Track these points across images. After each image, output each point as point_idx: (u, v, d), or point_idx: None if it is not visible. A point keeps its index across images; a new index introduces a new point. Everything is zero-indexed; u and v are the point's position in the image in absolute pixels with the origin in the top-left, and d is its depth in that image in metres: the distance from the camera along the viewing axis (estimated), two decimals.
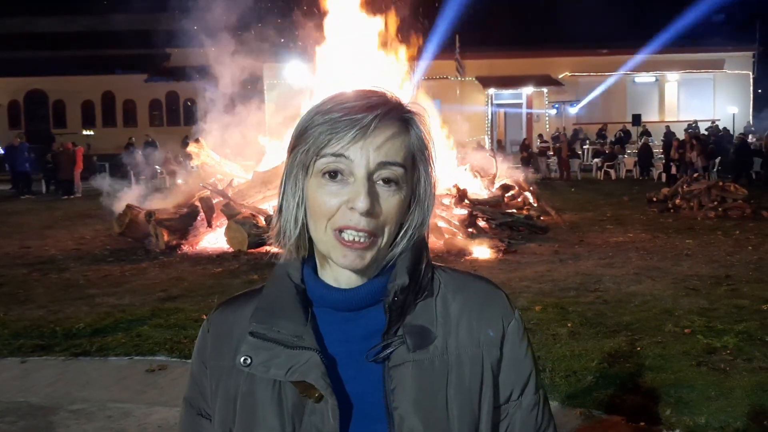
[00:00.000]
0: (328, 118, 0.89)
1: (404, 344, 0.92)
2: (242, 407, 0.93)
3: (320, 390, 0.89)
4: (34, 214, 15.54)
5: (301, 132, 0.92)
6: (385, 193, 0.90)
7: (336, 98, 0.91)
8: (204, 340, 1.01)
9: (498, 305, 0.99)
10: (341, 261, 0.90)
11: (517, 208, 11.71)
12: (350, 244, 0.89)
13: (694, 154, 18.69)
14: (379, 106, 0.90)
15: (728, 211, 12.31)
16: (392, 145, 0.90)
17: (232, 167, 12.68)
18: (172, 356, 5.27)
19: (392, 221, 0.91)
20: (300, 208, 0.94)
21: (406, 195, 0.92)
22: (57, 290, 7.66)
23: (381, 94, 0.93)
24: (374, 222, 0.89)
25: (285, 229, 0.95)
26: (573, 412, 4.06)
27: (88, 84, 33.39)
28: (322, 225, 0.90)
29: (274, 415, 0.91)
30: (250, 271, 8.42)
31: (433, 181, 0.96)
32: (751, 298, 6.51)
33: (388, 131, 0.90)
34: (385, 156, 0.89)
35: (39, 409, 4.36)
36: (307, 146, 0.90)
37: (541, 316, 5.99)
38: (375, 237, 0.90)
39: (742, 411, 3.97)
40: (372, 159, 0.88)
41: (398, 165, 0.90)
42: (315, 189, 0.90)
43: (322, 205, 0.89)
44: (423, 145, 0.95)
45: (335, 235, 0.89)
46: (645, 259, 8.72)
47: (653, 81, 29.87)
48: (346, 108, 0.89)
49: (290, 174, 0.94)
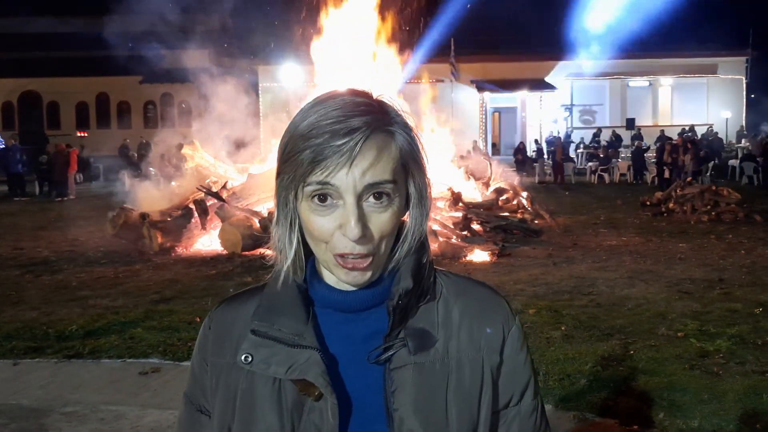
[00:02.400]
0: (309, 144, 0.86)
1: (405, 347, 0.92)
2: (242, 404, 0.94)
3: (320, 388, 0.89)
4: (27, 215, 15.48)
5: (284, 158, 0.90)
6: (376, 210, 0.88)
7: (316, 120, 0.87)
8: (205, 337, 1.01)
9: (499, 311, 1.00)
10: (344, 279, 0.91)
11: (512, 212, 11.73)
12: (351, 266, 0.89)
13: (687, 157, 18.77)
14: (361, 126, 0.86)
15: (721, 215, 12.36)
16: (379, 164, 0.87)
17: (227, 169, 12.66)
18: (165, 358, 5.25)
19: (387, 234, 0.90)
20: (293, 230, 0.93)
21: (400, 204, 0.91)
22: (50, 292, 7.62)
23: (362, 107, 0.88)
24: (369, 243, 0.88)
25: (281, 251, 0.95)
26: (566, 415, 4.07)
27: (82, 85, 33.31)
28: (321, 247, 0.90)
29: (274, 412, 0.92)
30: (244, 273, 8.40)
31: (428, 181, 0.96)
32: (744, 302, 6.54)
33: (373, 151, 0.87)
34: (372, 177, 0.87)
35: (31, 412, 4.33)
36: (293, 174, 0.89)
37: (535, 319, 6.00)
38: (373, 255, 0.90)
39: (734, 414, 3.98)
40: (359, 183, 0.86)
41: (387, 182, 0.88)
42: (308, 213, 0.89)
43: (316, 230, 0.89)
44: (412, 149, 0.92)
45: (335, 258, 0.89)
46: (638, 262, 8.75)
47: (647, 85, 30.02)
48: (326, 132, 0.86)
49: (280, 198, 0.93)
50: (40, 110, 34.49)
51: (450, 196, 10.85)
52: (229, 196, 10.72)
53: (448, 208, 10.69)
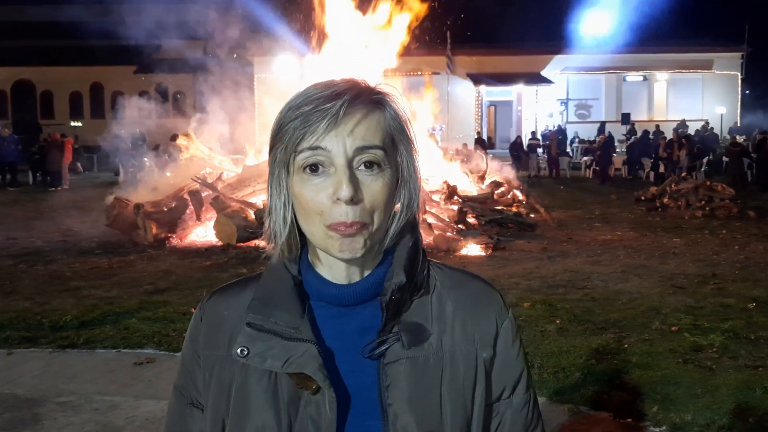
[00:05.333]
0: (299, 113, 0.89)
1: (399, 341, 0.92)
2: (236, 398, 0.93)
3: (318, 382, 0.89)
4: (20, 205, 15.40)
5: (277, 130, 0.92)
6: (368, 178, 0.89)
7: (305, 92, 0.91)
8: (197, 328, 1.00)
9: (492, 304, 1.00)
10: (339, 254, 0.90)
11: (507, 205, 11.75)
12: (343, 231, 0.88)
13: (682, 153, 18.81)
14: (346, 92, 0.89)
15: (715, 211, 12.41)
16: (367, 128, 0.89)
17: (222, 160, 12.63)
18: (159, 349, 5.25)
19: (380, 206, 0.90)
20: (287, 207, 0.93)
21: (391, 177, 0.91)
22: (43, 282, 7.60)
23: (348, 80, 0.92)
24: (362, 210, 0.88)
25: (275, 230, 0.95)
26: (560, 408, 4.09)
27: (76, 75, 33.03)
28: (314, 221, 0.90)
29: (269, 406, 0.91)
30: (239, 264, 8.39)
31: (416, 159, 0.96)
32: (737, 297, 6.58)
33: (358, 114, 0.89)
34: (362, 140, 0.88)
35: (25, 401, 4.32)
36: (284, 144, 0.90)
37: (530, 313, 6.02)
38: (366, 225, 0.89)
39: (727, 408, 4.01)
40: (348, 145, 0.87)
41: (377, 147, 0.89)
42: (300, 186, 0.90)
43: (309, 202, 0.89)
44: (400, 124, 0.94)
45: (328, 230, 0.89)
46: (632, 257, 8.78)
47: (643, 80, 30.05)
48: (314, 100, 0.89)
49: (273, 174, 0.93)
50: (34, 99, 34.23)
51: (446, 189, 10.86)
52: (224, 188, 10.69)
53: (443, 201, 10.69)
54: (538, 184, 18.53)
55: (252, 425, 0.91)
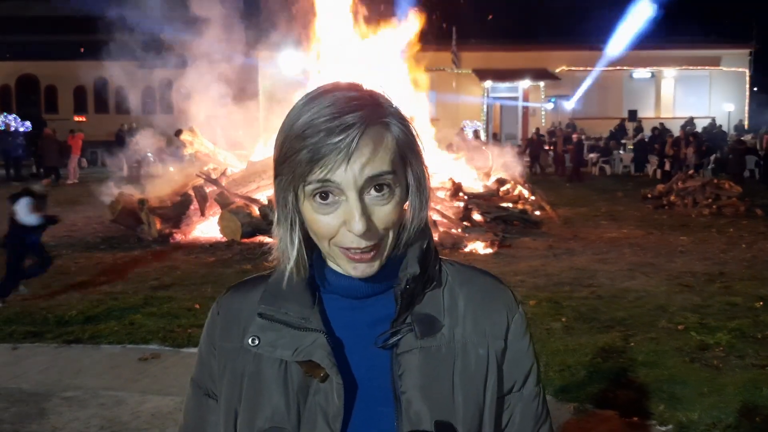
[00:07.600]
0: (306, 144, 0.86)
1: (412, 331, 0.94)
2: (248, 387, 0.96)
3: (325, 369, 0.91)
4: None
5: (281, 159, 0.90)
6: (379, 202, 0.89)
7: (310, 120, 0.87)
8: (213, 322, 1.03)
9: (503, 299, 1.02)
10: (352, 273, 0.92)
11: (512, 202, 11.71)
12: (358, 258, 0.90)
13: (689, 150, 18.72)
14: (356, 122, 0.85)
15: (722, 209, 12.36)
16: (377, 157, 0.87)
17: (227, 156, 12.62)
18: (165, 345, 5.25)
19: (392, 225, 0.91)
20: (294, 229, 0.94)
21: (401, 194, 0.92)
22: (48, 277, 7.59)
23: (355, 102, 0.87)
24: (374, 236, 0.89)
25: (284, 251, 0.96)
26: (566, 406, 4.07)
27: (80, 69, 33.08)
28: (326, 243, 0.91)
29: (280, 394, 0.93)
30: (243, 260, 8.39)
31: (426, 169, 0.96)
32: (744, 296, 6.54)
33: (370, 145, 0.87)
34: (372, 170, 0.87)
35: (31, 396, 4.33)
36: (291, 175, 0.89)
37: (536, 311, 5.99)
38: (378, 247, 0.91)
39: (734, 407, 3.99)
40: (359, 177, 0.87)
41: (387, 173, 0.88)
42: (311, 212, 0.90)
43: (321, 228, 0.90)
44: (409, 140, 0.93)
45: (341, 251, 0.90)
46: (639, 255, 8.74)
47: (650, 77, 29.90)
48: (322, 131, 0.85)
49: (279, 198, 0.94)
50: (38, 94, 34.29)
51: (451, 186, 10.83)
52: (229, 183, 10.69)
53: (448, 198, 10.66)
54: (544, 181, 18.46)
55: (262, 412, 0.93)
